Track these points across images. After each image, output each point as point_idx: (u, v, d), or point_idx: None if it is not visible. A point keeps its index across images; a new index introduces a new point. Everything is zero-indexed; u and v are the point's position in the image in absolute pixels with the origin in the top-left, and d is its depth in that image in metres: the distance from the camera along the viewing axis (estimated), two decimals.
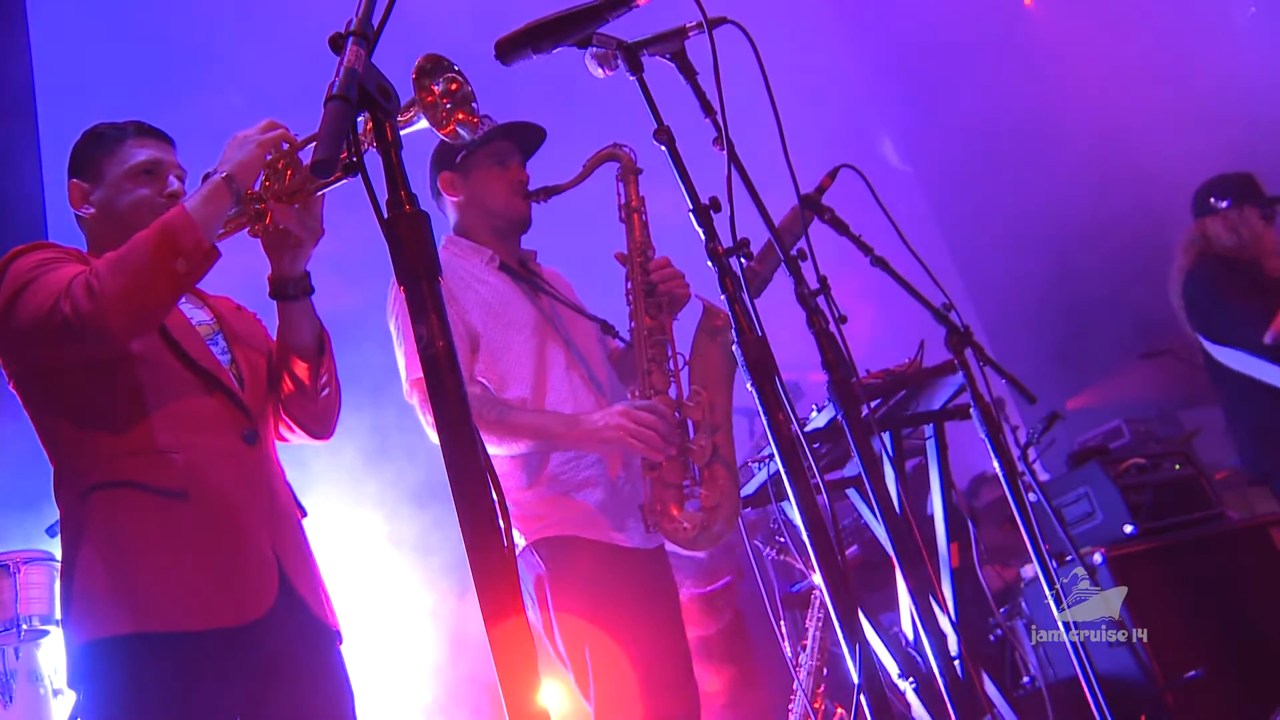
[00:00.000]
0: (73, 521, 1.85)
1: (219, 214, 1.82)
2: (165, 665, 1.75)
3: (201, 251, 1.77)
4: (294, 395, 2.08)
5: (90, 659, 1.77)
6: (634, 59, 1.79)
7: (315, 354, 2.07)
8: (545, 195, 2.57)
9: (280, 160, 1.90)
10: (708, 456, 2.32)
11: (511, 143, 2.61)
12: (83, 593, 1.80)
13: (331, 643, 2.00)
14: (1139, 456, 4.01)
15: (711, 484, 2.31)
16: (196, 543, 1.82)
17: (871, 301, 2.79)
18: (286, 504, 2.03)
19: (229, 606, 1.81)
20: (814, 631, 3.87)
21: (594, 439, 2.33)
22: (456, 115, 1.40)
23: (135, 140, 2.06)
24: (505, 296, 2.52)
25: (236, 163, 1.84)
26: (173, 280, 1.77)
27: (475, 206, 2.60)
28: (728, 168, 1.71)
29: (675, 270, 2.51)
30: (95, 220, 2.04)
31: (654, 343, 2.43)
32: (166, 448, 1.85)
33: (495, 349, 2.45)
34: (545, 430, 2.37)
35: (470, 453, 1.05)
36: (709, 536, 2.30)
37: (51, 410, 1.89)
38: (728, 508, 2.30)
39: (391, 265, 1.12)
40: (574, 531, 2.37)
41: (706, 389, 2.37)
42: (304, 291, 2.02)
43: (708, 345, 2.41)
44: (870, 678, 1.52)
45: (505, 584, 1.02)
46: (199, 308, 2.10)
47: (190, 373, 1.92)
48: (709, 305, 2.42)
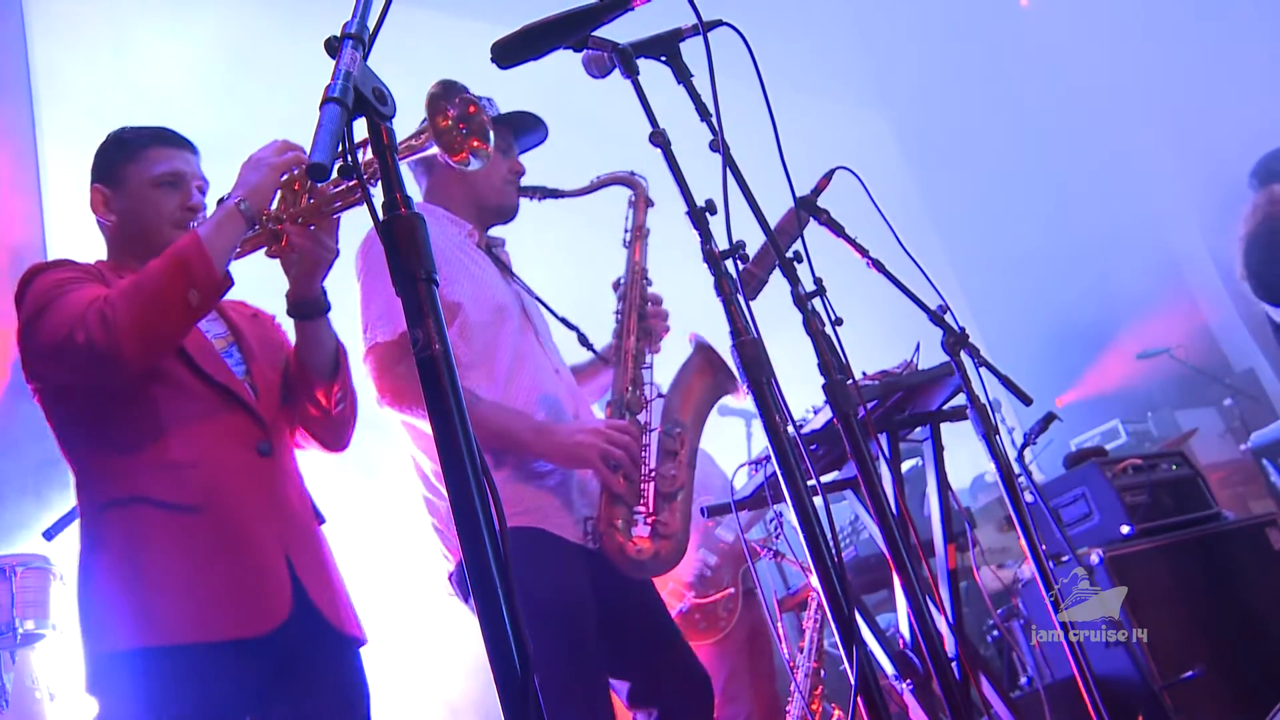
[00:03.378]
0: (90, 534, 1.88)
1: (232, 241, 1.84)
2: (178, 677, 1.77)
3: (214, 283, 1.80)
4: (309, 410, 2.10)
5: (106, 670, 1.80)
6: (629, 62, 1.79)
7: (331, 372, 2.08)
8: (541, 195, 2.57)
9: (296, 182, 1.91)
10: (674, 488, 2.32)
11: (513, 133, 2.60)
12: (99, 606, 1.83)
13: (349, 650, 2.01)
14: (1135, 457, 4.02)
15: (670, 514, 2.31)
16: (209, 556, 1.83)
17: (867, 303, 2.79)
18: (303, 513, 2.04)
19: (242, 619, 1.82)
20: (811, 633, 3.88)
21: (561, 452, 2.29)
22: (471, 142, 1.40)
23: (158, 148, 2.07)
24: (490, 276, 2.49)
25: (250, 187, 1.85)
26: (185, 311, 1.79)
27: (464, 180, 2.56)
28: (723, 170, 1.71)
29: (667, 311, 2.55)
30: (116, 229, 2.06)
31: (638, 365, 2.43)
32: (181, 463, 1.87)
33: (474, 327, 2.38)
34: (512, 432, 2.30)
35: (466, 458, 1.04)
36: (654, 563, 2.29)
37: (71, 425, 1.93)
38: (677, 543, 2.31)
39: (388, 258, 1.11)
40: (536, 524, 2.29)
41: (683, 425, 2.37)
42: (320, 310, 2.04)
43: (695, 383, 2.41)
44: (867, 679, 1.52)
45: (499, 572, 1.02)
46: (214, 320, 2.11)
47: (206, 387, 1.94)
48: (704, 343, 2.41)
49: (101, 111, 2.15)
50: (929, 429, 3.01)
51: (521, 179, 2.62)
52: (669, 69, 1.82)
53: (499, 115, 2.58)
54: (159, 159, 2.05)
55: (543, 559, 2.26)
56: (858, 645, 1.49)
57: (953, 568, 2.94)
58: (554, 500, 2.34)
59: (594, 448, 2.26)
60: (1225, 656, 3.38)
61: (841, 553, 2.06)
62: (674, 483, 2.32)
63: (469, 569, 1.02)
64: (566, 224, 2.81)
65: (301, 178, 1.91)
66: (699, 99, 1.78)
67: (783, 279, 1.90)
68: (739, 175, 1.77)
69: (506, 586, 1.01)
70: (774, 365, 1.62)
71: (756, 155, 1.84)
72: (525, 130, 2.64)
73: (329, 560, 2.05)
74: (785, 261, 1.89)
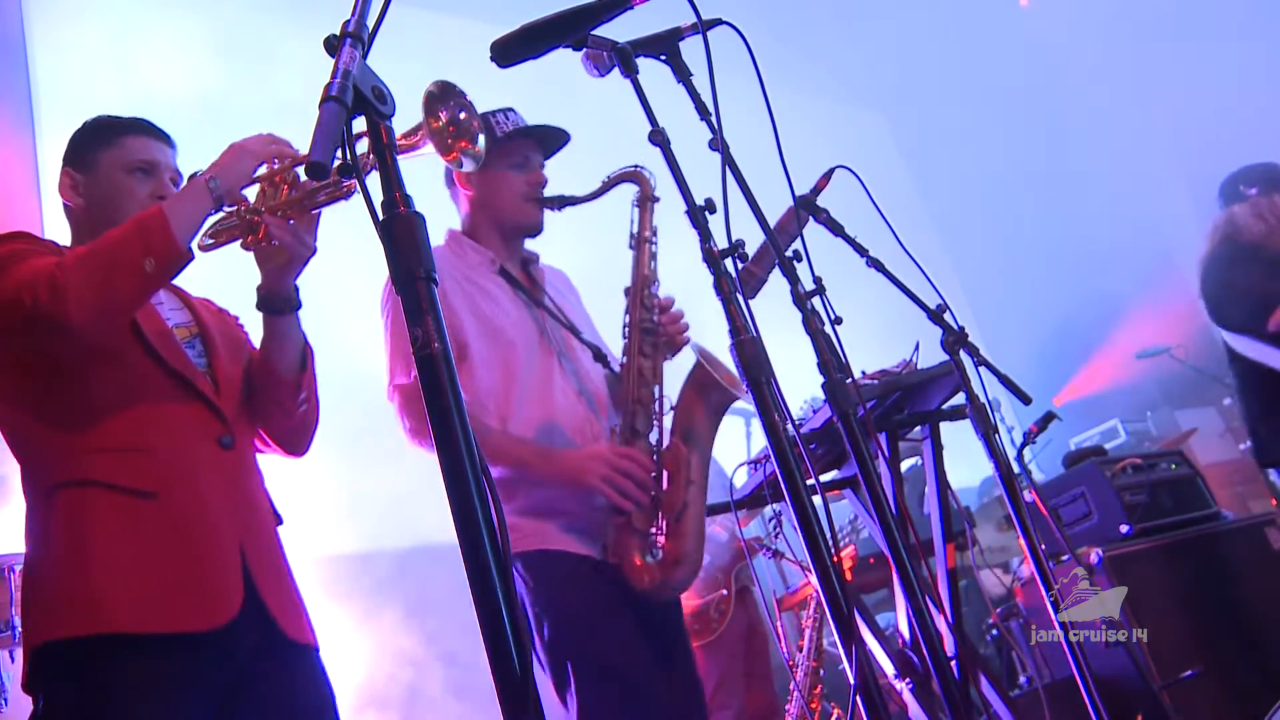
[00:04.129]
0: (37, 519, 1.80)
1: (196, 215, 1.79)
2: (128, 667, 1.69)
3: (173, 252, 1.73)
4: (271, 409, 2.05)
5: (47, 661, 1.71)
6: (628, 61, 1.79)
7: (297, 370, 2.04)
8: (560, 204, 2.54)
9: (278, 175, 1.89)
10: (678, 510, 2.29)
11: (535, 143, 2.58)
12: (42, 592, 1.75)
13: (305, 657, 1.94)
14: (1135, 456, 4.02)
15: (677, 538, 2.28)
16: (162, 544, 1.77)
17: (867, 303, 2.79)
18: (262, 511, 1.99)
19: (190, 610, 1.75)
20: (810, 632, 3.88)
21: (566, 478, 2.29)
22: (460, 144, 1.39)
23: (136, 137, 2.04)
24: (501, 305, 2.47)
25: (223, 167, 1.83)
26: (140, 278, 1.72)
27: (485, 206, 2.56)
28: (722, 169, 1.71)
29: (679, 313, 2.49)
30: (82, 212, 2.01)
31: (643, 384, 2.39)
32: (136, 447, 1.81)
33: (482, 362, 2.38)
34: (518, 458, 2.31)
35: (465, 455, 1.04)
36: (667, 588, 2.28)
37: (19, 406, 1.85)
38: (689, 565, 2.28)
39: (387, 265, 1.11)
40: (554, 546, 2.31)
41: (686, 443, 2.34)
42: (291, 307, 2.00)
43: (695, 400, 2.38)
44: (866, 678, 1.52)
45: (501, 587, 1.01)
46: (179, 309, 2.06)
47: (164, 375, 1.89)
48: (702, 359, 2.38)
49: (101, 110, 2.13)
50: (928, 428, 3.01)
51: (543, 189, 2.57)
52: (668, 68, 1.82)
53: (521, 129, 2.54)
54: (135, 147, 2.02)
55: (559, 579, 2.27)
56: (857, 644, 1.49)
57: (952, 567, 2.95)
58: (554, 525, 2.33)
59: (595, 472, 2.25)
60: (1224, 656, 3.39)
61: (840, 552, 2.05)
62: (676, 506, 2.29)
63: (468, 570, 1.01)
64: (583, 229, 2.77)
65: (283, 171, 1.88)
66: (698, 98, 1.78)
67: (782, 278, 1.90)
68: (738, 174, 1.77)
69: (506, 587, 1.01)
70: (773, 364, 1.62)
71: (756, 154, 1.84)
72: (549, 142, 2.61)
73: (284, 561, 1.99)
74: (785, 260, 1.89)
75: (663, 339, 2.45)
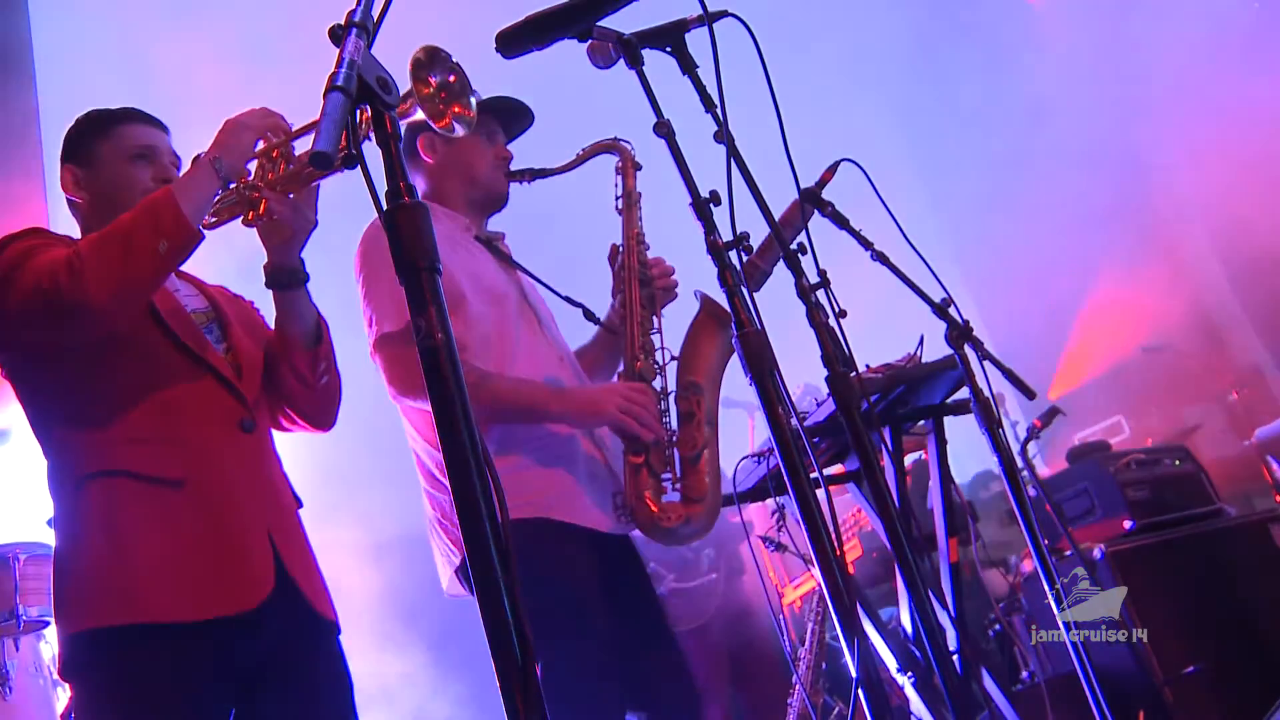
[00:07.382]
0: (67, 511, 1.83)
1: (204, 195, 1.80)
2: (160, 656, 1.73)
3: (185, 232, 1.75)
4: (293, 385, 2.06)
5: (84, 650, 1.75)
6: (634, 52, 1.79)
7: (313, 343, 2.06)
8: (530, 177, 2.54)
9: (275, 149, 1.89)
10: (696, 450, 2.29)
11: (498, 121, 2.58)
12: (76, 582, 1.78)
13: (329, 634, 1.99)
14: (1138, 452, 4.02)
15: (696, 476, 2.27)
16: (192, 531, 1.80)
17: (871, 296, 2.78)
18: (284, 494, 2.02)
19: (225, 595, 1.79)
20: (813, 626, 3.88)
21: (588, 410, 2.27)
22: (453, 108, 1.39)
23: (131, 125, 2.05)
24: (488, 268, 2.48)
25: (225, 146, 1.83)
26: (154, 259, 1.73)
27: (454, 173, 2.54)
28: (727, 161, 1.71)
29: (670, 267, 2.50)
30: (88, 205, 2.02)
31: (645, 331, 2.39)
32: (162, 436, 1.83)
33: (474, 317, 2.36)
34: (529, 398, 2.28)
35: (468, 444, 1.04)
36: (688, 530, 2.26)
37: (46, 399, 1.88)
38: (709, 504, 2.27)
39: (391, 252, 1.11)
40: (542, 513, 2.26)
41: (698, 385, 2.33)
42: (299, 281, 2.01)
43: (704, 339, 2.37)
44: (869, 672, 1.52)
45: (500, 562, 1.02)
46: (195, 295, 2.08)
47: (185, 360, 1.91)
48: (709, 298, 2.38)
49: (106, 104, 2.13)
50: (932, 422, 3.01)
51: (510, 164, 2.58)
52: (674, 60, 1.82)
53: (481, 101, 2.55)
54: (133, 135, 2.03)
55: (548, 554, 2.23)
56: (859, 638, 1.49)
57: (954, 561, 2.95)
58: (559, 488, 2.31)
59: (612, 403, 2.24)
60: (1227, 652, 3.38)
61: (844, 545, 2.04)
62: (695, 445, 2.28)
63: (470, 558, 1.02)
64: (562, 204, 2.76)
65: (280, 145, 1.88)
66: (704, 90, 1.77)
67: (787, 271, 1.90)
68: (743, 167, 1.77)
69: (508, 576, 1.01)
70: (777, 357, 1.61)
71: (761, 147, 1.84)
72: (510, 116, 2.60)
73: (308, 544, 2.03)
74: (789, 253, 1.89)
75: (659, 288, 2.47)
